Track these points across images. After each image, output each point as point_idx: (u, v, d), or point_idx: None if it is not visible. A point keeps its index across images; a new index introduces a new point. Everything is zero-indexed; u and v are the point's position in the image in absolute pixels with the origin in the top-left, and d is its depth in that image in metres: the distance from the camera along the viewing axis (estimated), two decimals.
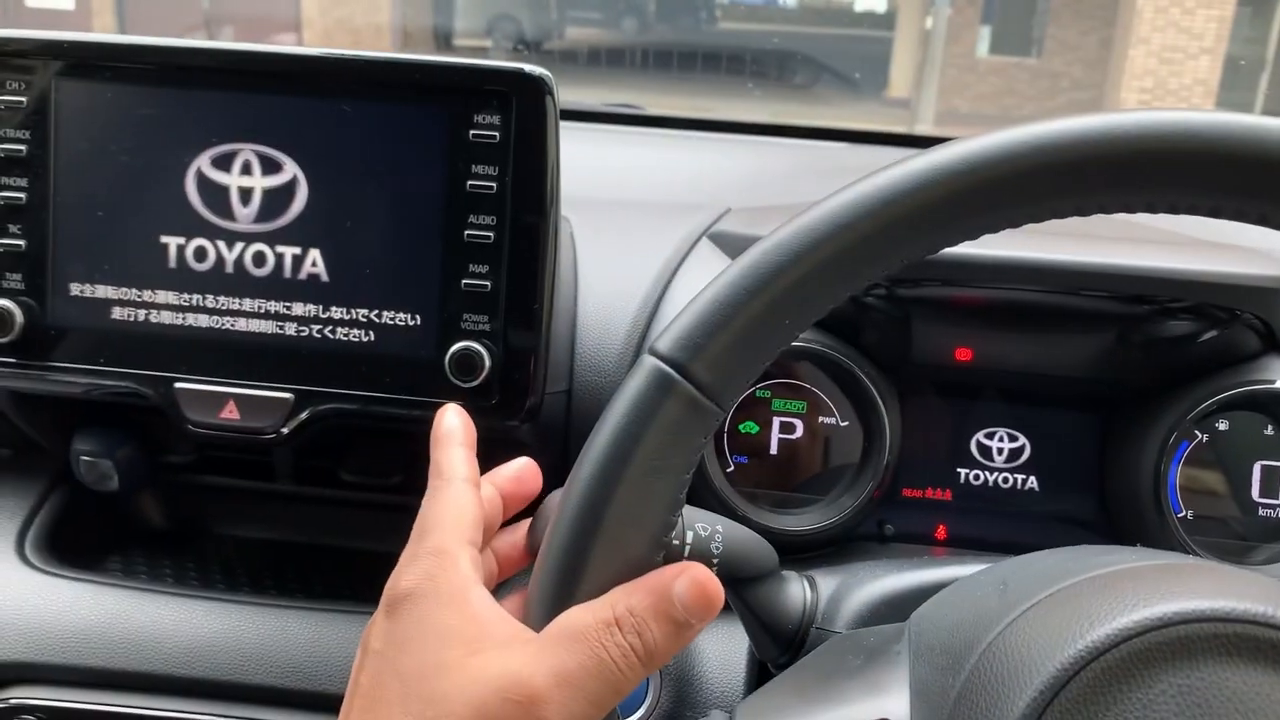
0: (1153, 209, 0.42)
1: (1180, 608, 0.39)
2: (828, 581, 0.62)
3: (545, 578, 0.43)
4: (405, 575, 0.44)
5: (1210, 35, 8.64)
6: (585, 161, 1.09)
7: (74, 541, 0.81)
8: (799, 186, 1.05)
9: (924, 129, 8.22)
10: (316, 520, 0.88)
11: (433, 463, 0.50)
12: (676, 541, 0.51)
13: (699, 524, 0.53)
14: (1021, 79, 9.80)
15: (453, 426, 0.51)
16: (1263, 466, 0.73)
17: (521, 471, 0.54)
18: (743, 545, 0.54)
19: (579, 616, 0.41)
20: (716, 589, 0.43)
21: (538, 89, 0.67)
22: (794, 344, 0.73)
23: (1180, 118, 0.40)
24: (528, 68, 0.67)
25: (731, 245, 0.82)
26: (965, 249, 0.44)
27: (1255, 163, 0.39)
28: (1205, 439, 0.73)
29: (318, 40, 8.57)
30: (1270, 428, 0.73)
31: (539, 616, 0.43)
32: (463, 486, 0.48)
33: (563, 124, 1.20)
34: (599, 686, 0.40)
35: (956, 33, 9.45)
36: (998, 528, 0.77)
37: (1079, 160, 0.41)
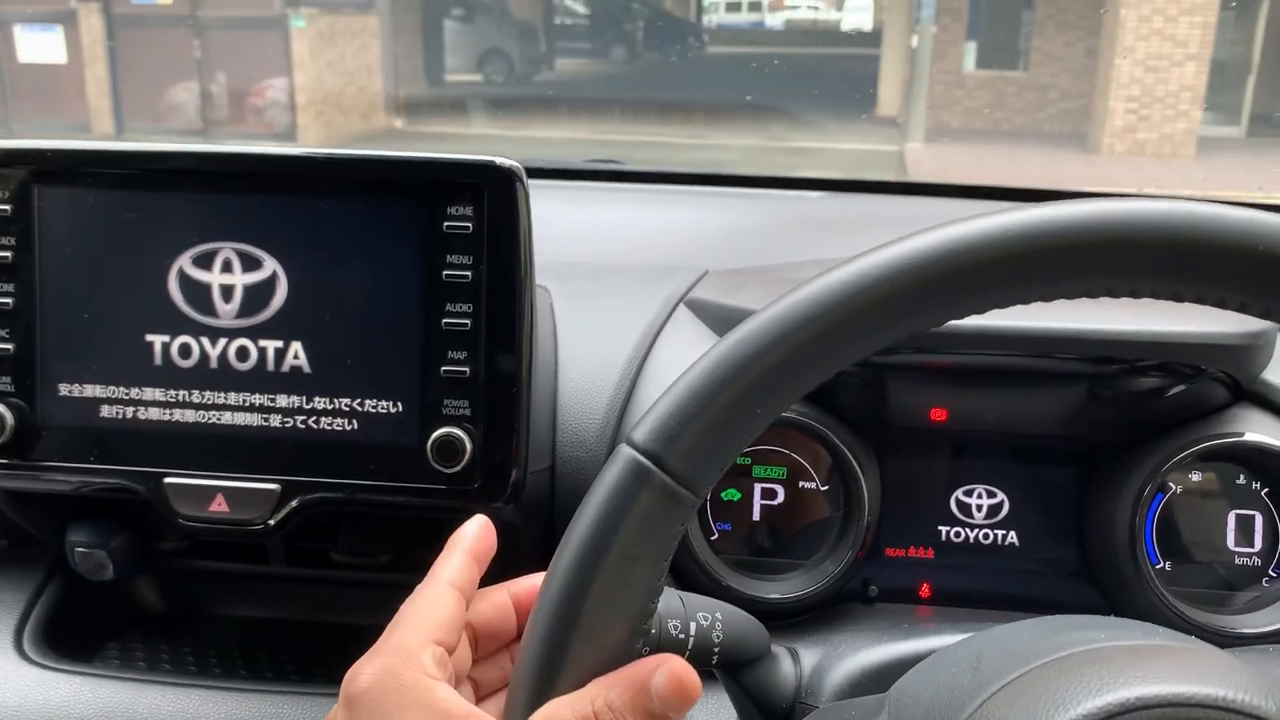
0: (1136, 295, 0.43)
1: (1141, 693, 0.40)
2: (810, 654, 0.63)
3: (525, 670, 0.44)
4: (364, 669, 0.45)
5: (1195, 41, 8.69)
6: (565, 223, 1.11)
7: (72, 631, 0.82)
8: (775, 242, 1.07)
9: (913, 145, 8.26)
10: (310, 598, 0.89)
11: (433, 566, 0.51)
12: (682, 635, 0.52)
13: (700, 614, 0.53)
14: (1009, 92, 9.85)
15: (465, 535, 0.52)
16: (1236, 515, 0.74)
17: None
18: (741, 631, 0.55)
19: (558, 711, 0.42)
20: (694, 683, 0.44)
21: (508, 180, 0.69)
22: None
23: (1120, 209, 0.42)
24: (499, 160, 0.69)
25: (708, 313, 0.83)
26: None
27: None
28: (1179, 490, 0.74)
29: (309, 82, 8.63)
30: (1242, 477, 0.74)
31: (520, 710, 0.44)
32: (443, 588, 0.49)
33: (542, 183, 1.21)
34: None
35: (943, 49, 9.52)
36: (981, 582, 0.78)
37: (1031, 251, 0.42)
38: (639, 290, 0.89)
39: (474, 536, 0.52)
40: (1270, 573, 0.74)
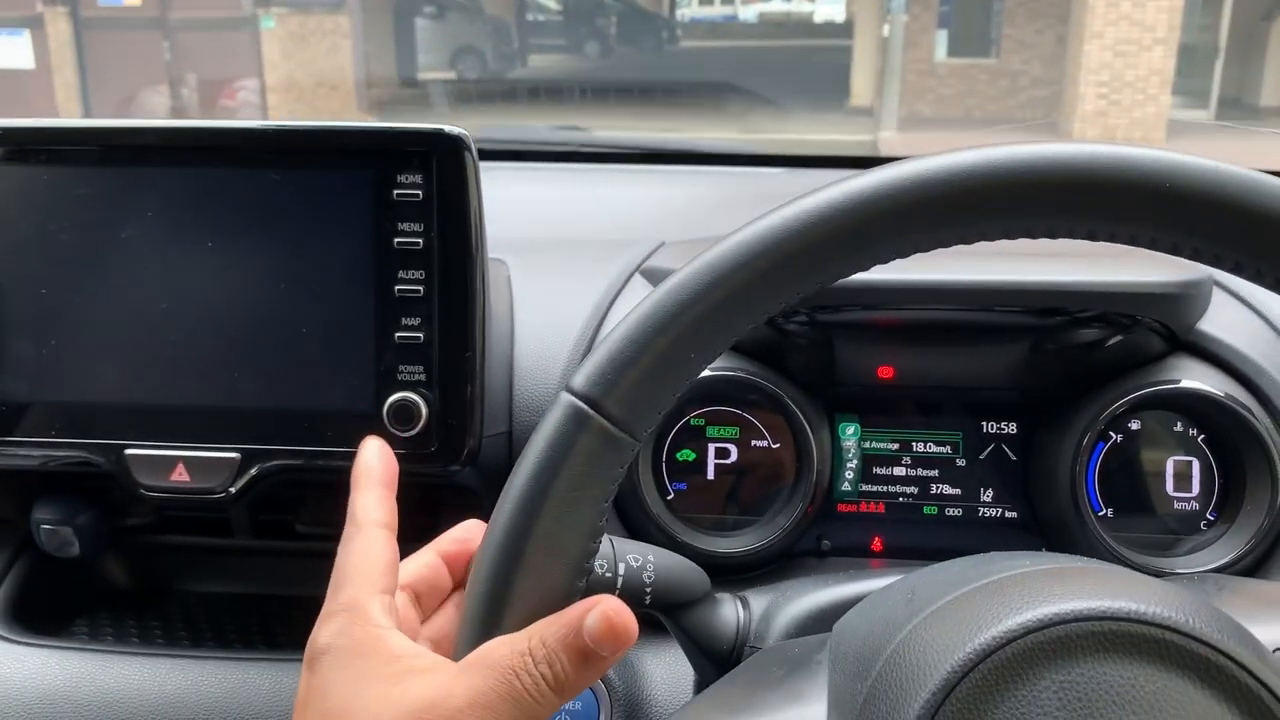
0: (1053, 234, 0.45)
1: (1060, 609, 0.42)
2: (759, 600, 0.65)
3: (469, 610, 0.46)
4: (321, 632, 0.46)
5: (1162, 26, 8.76)
6: (523, 202, 1.12)
7: (40, 609, 0.83)
8: (733, 215, 1.08)
9: (887, 134, 8.30)
10: (276, 571, 0.90)
11: (349, 505, 0.52)
12: (609, 574, 0.54)
13: (630, 555, 0.55)
14: (981, 80, 9.91)
15: (369, 465, 0.53)
16: (1175, 461, 0.76)
17: (466, 533, 0.56)
18: (674, 572, 0.57)
19: (496, 647, 0.44)
20: (625, 623, 0.45)
21: (456, 147, 0.70)
22: (723, 372, 0.76)
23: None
24: (447, 128, 0.70)
25: (662, 280, 0.85)
26: (879, 274, 0.47)
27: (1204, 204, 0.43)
28: (1120, 439, 0.76)
29: (281, 82, 8.59)
30: (1179, 424, 0.76)
31: (462, 647, 0.46)
32: (374, 533, 0.50)
33: (502, 165, 1.22)
34: (512, 712, 0.42)
35: (914, 38, 9.56)
36: (931, 537, 0.80)
37: (960, 191, 0.44)
38: (595, 262, 0.90)
39: (382, 466, 0.53)
40: (1208, 516, 0.76)
